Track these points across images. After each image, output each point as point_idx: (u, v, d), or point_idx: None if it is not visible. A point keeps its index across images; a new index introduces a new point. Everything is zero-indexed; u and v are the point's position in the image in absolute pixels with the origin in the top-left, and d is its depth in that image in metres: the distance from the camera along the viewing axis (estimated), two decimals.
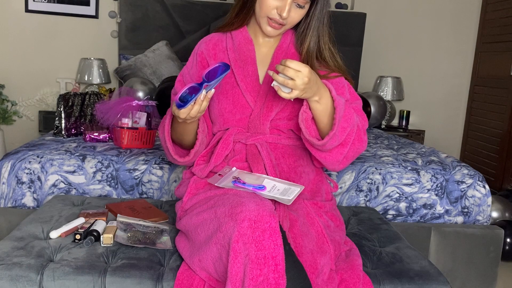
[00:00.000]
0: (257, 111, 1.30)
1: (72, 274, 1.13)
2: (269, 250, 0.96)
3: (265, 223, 0.98)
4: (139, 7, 3.51)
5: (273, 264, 0.96)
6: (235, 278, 0.96)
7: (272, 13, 1.24)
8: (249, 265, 0.95)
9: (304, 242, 1.15)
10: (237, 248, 0.96)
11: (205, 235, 1.09)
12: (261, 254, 0.96)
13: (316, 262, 1.12)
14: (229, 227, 0.99)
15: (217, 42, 1.37)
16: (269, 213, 1.00)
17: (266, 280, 0.94)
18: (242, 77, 1.31)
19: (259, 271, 0.95)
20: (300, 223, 1.19)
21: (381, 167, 1.92)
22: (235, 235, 0.97)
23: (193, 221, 1.15)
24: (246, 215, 0.98)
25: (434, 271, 1.27)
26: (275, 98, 1.29)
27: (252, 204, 1.01)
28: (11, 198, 1.78)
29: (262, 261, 0.95)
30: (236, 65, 1.32)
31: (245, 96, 1.31)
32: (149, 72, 3.27)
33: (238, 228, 0.97)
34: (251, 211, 0.99)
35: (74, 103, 2.20)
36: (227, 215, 1.02)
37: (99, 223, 1.36)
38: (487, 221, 1.96)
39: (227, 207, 1.04)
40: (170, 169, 1.83)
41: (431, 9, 3.95)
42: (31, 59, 3.54)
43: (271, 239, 0.97)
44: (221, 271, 1.04)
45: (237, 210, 1.00)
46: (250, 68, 1.32)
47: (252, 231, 0.97)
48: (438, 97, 4.09)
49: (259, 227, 0.97)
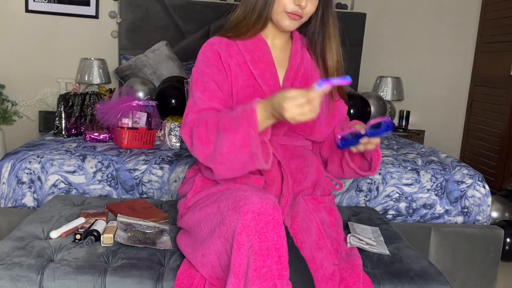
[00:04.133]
0: None
1: (72, 274, 1.13)
2: (272, 241, 0.97)
3: (268, 215, 0.98)
4: (139, 7, 3.52)
5: (276, 256, 0.96)
6: (238, 269, 0.96)
7: (290, 6, 1.22)
8: (252, 256, 0.96)
9: (303, 238, 1.16)
10: (241, 240, 0.97)
11: (208, 229, 1.09)
12: (264, 245, 0.96)
13: (314, 257, 1.13)
14: (233, 219, 1.00)
15: (228, 44, 1.28)
16: (272, 206, 1.00)
17: (269, 271, 0.95)
18: (263, 80, 1.27)
19: (263, 262, 0.95)
20: (300, 219, 1.20)
21: (381, 167, 1.92)
22: (239, 227, 0.98)
23: (196, 217, 1.15)
24: (250, 208, 0.99)
25: (434, 271, 1.27)
26: None
27: (255, 197, 1.01)
28: (11, 198, 1.78)
29: (265, 252, 0.96)
30: (255, 67, 1.27)
31: (266, 95, 1.25)
32: (149, 72, 3.27)
33: (241, 220, 0.98)
34: (255, 204, 0.99)
35: (74, 103, 2.20)
36: (230, 209, 1.03)
37: (99, 223, 1.36)
38: (487, 221, 1.96)
39: (230, 201, 1.05)
40: (170, 169, 1.83)
41: (431, 9, 3.95)
42: (31, 59, 3.54)
43: (274, 231, 0.98)
44: (225, 264, 1.04)
45: (241, 203, 1.01)
46: (270, 70, 1.28)
47: (256, 223, 0.97)
48: (438, 97, 4.09)
49: (262, 219, 0.98)
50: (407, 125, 3.86)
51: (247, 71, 1.27)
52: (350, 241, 1.37)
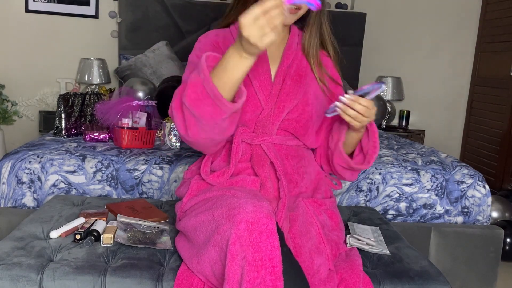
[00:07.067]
0: (268, 111, 1.26)
1: (72, 274, 1.13)
2: (266, 252, 0.95)
3: (262, 225, 0.97)
4: (139, 7, 3.52)
5: (270, 266, 0.95)
6: (233, 280, 0.95)
7: None
8: (246, 267, 0.94)
9: (302, 242, 1.15)
10: (234, 250, 0.96)
11: (203, 236, 1.08)
12: (258, 256, 0.95)
13: (313, 262, 1.12)
14: (226, 229, 0.99)
15: (224, 36, 1.29)
16: (266, 214, 0.99)
17: (263, 282, 0.94)
18: (256, 74, 1.25)
19: (256, 273, 0.94)
20: (299, 222, 1.19)
21: (381, 167, 1.92)
22: (232, 237, 0.96)
23: (192, 223, 1.15)
24: (243, 217, 0.97)
25: (434, 271, 1.27)
26: (287, 98, 1.26)
27: (249, 206, 1.00)
28: (11, 198, 1.78)
29: (259, 263, 0.95)
30: None
31: (258, 94, 1.25)
32: (149, 72, 3.27)
33: (235, 230, 0.96)
34: (248, 213, 0.98)
35: (74, 103, 2.20)
36: (224, 217, 1.01)
37: (99, 223, 1.36)
38: (487, 221, 1.96)
39: (224, 209, 1.03)
40: (170, 169, 1.83)
41: (431, 9, 3.95)
42: (31, 59, 3.54)
43: (268, 241, 0.96)
44: (218, 273, 1.03)
45: (234, 212, 1.00)
46: (262, 65, 1.27)
47: (249, 233, 0.96)
48: (438, 97, 4.09)
49: (256, 229, 0.96)
50: (407, 125, 3.86)
51: None
52: (350, 241, 1.37)
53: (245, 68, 1.00)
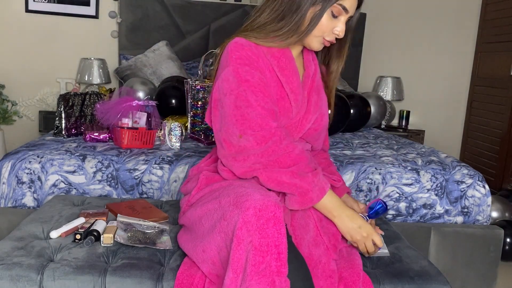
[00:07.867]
0: (296, 120, 1.27)
1: (72, 274, 1.13)
2: (272, 238, 0.97)
3: (269, 212, 0.99)
4: (139, 7, 3.52)
5: (276, 252, 0.97)
6: (237, 264, 0.97)
7: (330, 36, 1.21)
8: (251, 252, 0.96)
9: (302, 234, 1.17)
10: (241, 235, 0.97)
11: (209, 224, 1.09)
12: (264, 241, 0.97)
13: (312, 254, 1.14)
14: (234, 214, 1.00)
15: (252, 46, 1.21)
16: (274, 203, 1.01)
17: (268, 268, 0.96)
18: (291, 89, 1.25)
19: (262, 258, 0.96)
20: (298, 216, 1.21)
21: (381, 167, 1.92)
22: (240, 222, 0.98)
23: (198, 212, 1.16)
24: (251, 204, 0.99)
25: (434, 271, 1.27)
26: (313, 110, 1.29)
27: (257, 194, 1.02)
28: (11, 198, 1.78)
29: (265, 248, 0.96)
30: (282, 74, 1.23)
31: (292, 103, 1.25)
32: (149, 72, 3.27)
33: (242, 216, 0.98)
34: (257, 200, 1.00)
35: (74, 103, 2.20)
36: (232, 204, 1.03)
37: (99, 223, 1.36)
38: (487, 221, 1.96)
39: (232, 196, 1.05)
40: (170, 169, 1.83)
41: (431, 9, 3.95)
42: (31, 59, 3.54)
43: (275, 227, 0.98)
44: (225, 259, 1.04)
45: (242, 199, 1.01)
46: (295, 78, 1.26)
47: (257, 219, 0.98)
48: (438, 97, 4.09)
49: (263, 216, 0.98)
50: (407, 125, 3.86)
51: (275, 78, 1.23)
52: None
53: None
